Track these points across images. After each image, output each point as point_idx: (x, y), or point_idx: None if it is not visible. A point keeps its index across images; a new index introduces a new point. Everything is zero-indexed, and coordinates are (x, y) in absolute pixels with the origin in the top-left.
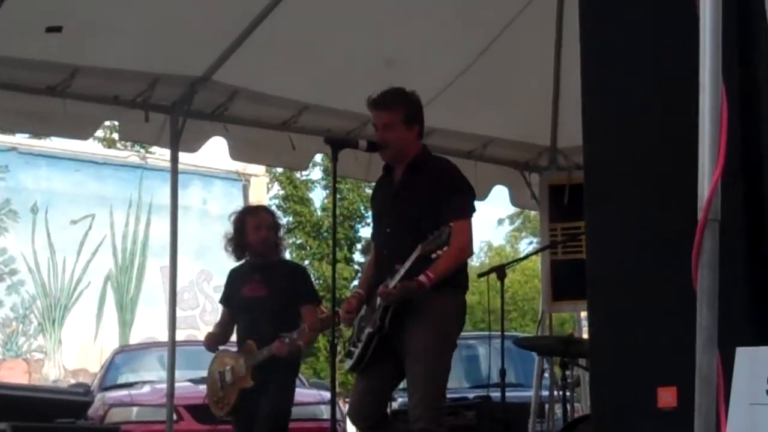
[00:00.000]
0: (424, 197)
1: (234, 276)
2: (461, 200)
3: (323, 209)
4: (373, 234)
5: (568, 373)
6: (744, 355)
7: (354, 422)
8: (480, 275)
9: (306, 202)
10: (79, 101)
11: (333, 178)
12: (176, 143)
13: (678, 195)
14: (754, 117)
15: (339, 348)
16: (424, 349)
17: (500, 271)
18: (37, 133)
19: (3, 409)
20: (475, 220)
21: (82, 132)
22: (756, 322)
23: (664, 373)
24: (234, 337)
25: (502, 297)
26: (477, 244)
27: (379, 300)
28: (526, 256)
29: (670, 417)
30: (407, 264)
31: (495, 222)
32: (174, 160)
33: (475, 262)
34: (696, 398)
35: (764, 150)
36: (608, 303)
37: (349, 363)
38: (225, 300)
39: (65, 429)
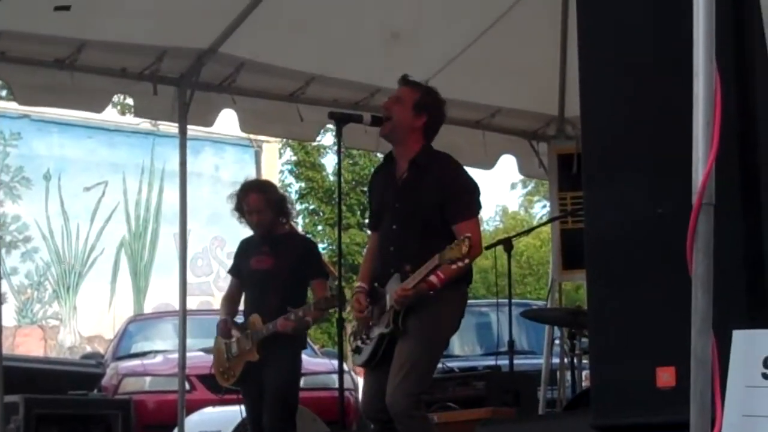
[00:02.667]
0: (430, 197)
1: (244, 246)
2: (468, 199)
3: (335, 174)
4: (372, 223)
5: (576, 342)
6: (740, 338)
7: (367, 417)
8: (487, 248)
9: (318, 167)
10: (87, 74)
11: (338, 153)
12: (184, 115)
13: (676, 173)
14: (749, 100)
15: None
16: (413, 335)
17: (507, 243)
18: (51, 106)
19: (16, 381)
20: (489, 184)
21: (94, 105)
22: (753, 305)
23: (663, 353)
24: (242, 306)
25: (509, 270)
26: (492, 209)
27: (389, 302)
28: (534, 227)
29: (669, 396)
30: (423, 272)
31: (508, 186)
32: (182, 132)
33: (489, 227)
34: (692, 381)
35: (760, 132)
36: (606, 283)
37: (358, 359)
38: (234, 270)
39: (77, 401)
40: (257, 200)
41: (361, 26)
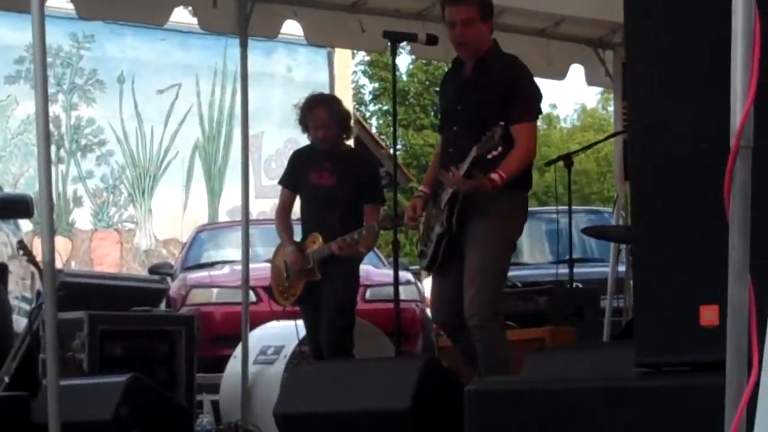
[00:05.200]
0: (493, 94)
1: (300, 158)
2: (528, 102)
3: (409, 75)
4: (440, 127)
5: None
6: None
7: (436, 321)
8: (546, 164)
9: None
10: None
11: (393, 75)
12: (245, 27)
13: (723, 109)
14: None
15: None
16: (482, 245)
17: (567, 159)
18: (112, 19)
19: (81, 298)
20: (566, 82)
21: (156, 17)
22: None
23: (707, 290)
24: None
25: (570, 187)
26: (571, 107)
27: (444, 196)
28: (595, 143)
29: (712, 335)
30: (464, 166)
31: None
32: (243, 45)
33: (567, 125)
34: (728, 327)
35: None
36: (650, 215)
37: (423, 262)
38: (289, 182)
39: (141, 317)
40: (325, 115)
41: None
